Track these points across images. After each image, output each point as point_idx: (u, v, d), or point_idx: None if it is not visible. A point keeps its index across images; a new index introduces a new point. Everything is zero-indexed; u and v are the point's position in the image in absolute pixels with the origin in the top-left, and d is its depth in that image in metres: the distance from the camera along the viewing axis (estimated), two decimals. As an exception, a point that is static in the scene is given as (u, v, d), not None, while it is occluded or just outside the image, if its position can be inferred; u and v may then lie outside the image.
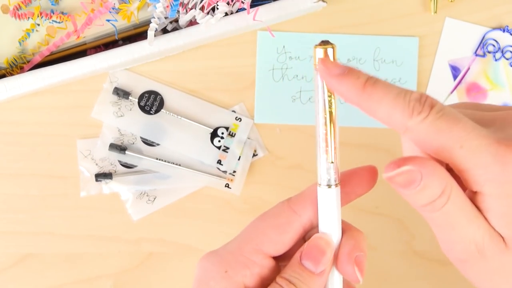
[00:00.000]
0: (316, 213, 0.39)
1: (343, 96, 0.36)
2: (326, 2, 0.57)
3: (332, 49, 0.35)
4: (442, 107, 0.34)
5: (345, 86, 0.35)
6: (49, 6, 0.57)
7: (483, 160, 0.33)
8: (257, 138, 0.59)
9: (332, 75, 0.35)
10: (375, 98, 0.34)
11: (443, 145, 0.33)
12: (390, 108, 0.34)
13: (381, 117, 0.35)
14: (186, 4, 0.56)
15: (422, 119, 0.33)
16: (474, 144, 0.33)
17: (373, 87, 0.34)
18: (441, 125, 0.33)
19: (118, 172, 0.58)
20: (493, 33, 0.59)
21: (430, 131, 0.33)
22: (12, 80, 0.56)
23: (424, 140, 0.34)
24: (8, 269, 0.57)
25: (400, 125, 0.34)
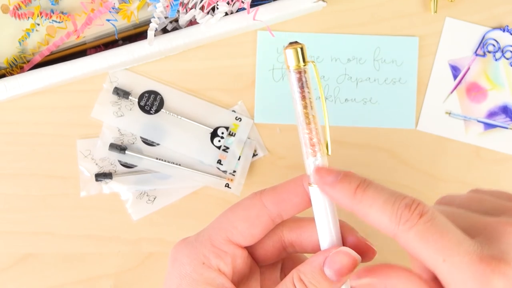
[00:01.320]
0: (287, 208, 0.39)
1: (336, 201, 0.37)
2: (326, 2, 0.57)
3: (301, 49, 0.36)
4: (430, 216, 0.34)
5: (338, 192, 0.36)
6: (49, 6, 0.57)
7: (463, 277, 0.33)
8: (257, 138, 0.59)
9: (325, 183, 0.37)
10: (366, 204, 0.35)
11: (427, 255, 0.34)
12: (379, 214, 0.35)
13: (371, 222, 0.36)
14: (186, 4, 0.56)
15: (408, 228, 0.34)
16: (456, 259, 0.33)
17: (364, 192, 0.35)
18: (427, 236, 0.33)
19: (118, 172, 0.58)
20: (493, 33, 0.59)
21: (416, 241, 0.34)
22: (12, 80, 0.56)
23: (410, 248, 0.34)
24: (8, 269, 0.57)
25: (388, 232, 0.35)
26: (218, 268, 0.39)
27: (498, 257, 0.33)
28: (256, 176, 0.59)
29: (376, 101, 0.59)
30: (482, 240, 0.34)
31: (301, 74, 0.37)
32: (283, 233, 0.41)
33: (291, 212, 0.40)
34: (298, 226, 0.41)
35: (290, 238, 0.41)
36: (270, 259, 0.42)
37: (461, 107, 0.59)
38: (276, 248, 0.42)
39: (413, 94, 0.59)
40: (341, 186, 0.36)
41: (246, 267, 0.40)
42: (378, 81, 0.59)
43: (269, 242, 0.41)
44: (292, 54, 0.37)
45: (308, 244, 0.41)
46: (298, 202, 0.39)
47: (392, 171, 0.59)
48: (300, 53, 0.37)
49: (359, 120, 0.59)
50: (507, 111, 0.59)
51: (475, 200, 0.39)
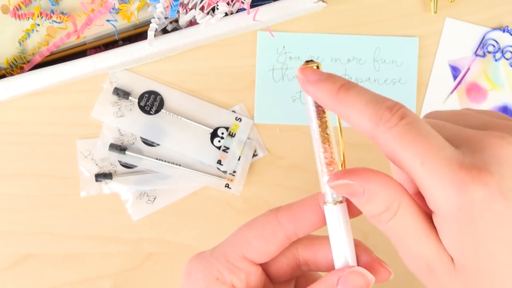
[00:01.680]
0: (302, 226, 0.39)
1: (318, 101, 0.36)
2: (326, 2, 0.57)
3: (317, 67, 0.36)
4: (412, 120, 0.33)
5: (320, 91, 0.35)
6: (49, 6, 0.57)
7: (441, 183, 0.32)
8: (257, 138, 0.59)
9: (308, 81, 0.35)
10: (347, 104, 0.34)
11: (406, 158, 0.32)
12: (360, 114, 0.34)
13: (352, 123, 0.35)
14: (186, 4, 0.56)
15: (388, 128, 0.33)
16: (435, 164, 0.32)
17: (347, 92, 0.34)
18: (407, 138, 0.32)
19: (118, 172, 0.58)
20: (493, 33, 0.59)
21: (394, 142, 0.33)
22: (12, 80, 0.56)
23: (388, 150, 0.33)
24: (8, 269, 0.57)
25: (368, 133, 0.34)
26: (232, 284, 0.39)
27: (480, 167, 0.31)
28: (256, 176, 0.59)
29: (376, 101, 0.59)
30: (465, 150, 0.33)
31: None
32: (298, 251, 0.41)
33: (307, 230, 0.39)
34: (313, 244, 0.41)
35: (305, 256, 0.41)
36: (284, 277, 0.42)
37: (461, 107, 0.59)
38: (291, 266, 0.41)
39: (413, 95, 0.59)
40: (324, 85, 0.35)
41: (260, 284, 0.40)
42: (378, 81, 0.59)
43: (283, 260, 0.41)
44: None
45: (323, 263, 0.40)
46: (314, 220, 0.39)
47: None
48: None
49: (359, 120, 0.59)
50: (507, 112, 0.59)
51: (462, 115, 0.37)
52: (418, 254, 0.34)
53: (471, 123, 0.36)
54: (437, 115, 0.37)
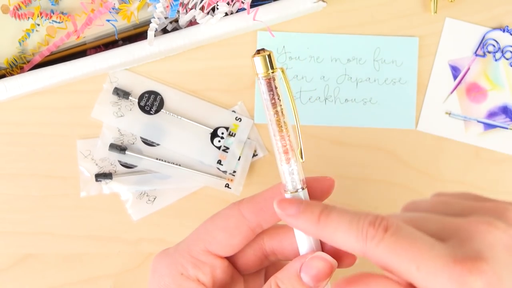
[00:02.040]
0: (266, 217, 0.39)
1: (303, 231, 0.37)
2: (326, 2, 0.57)
3: (269, 56, 0.37)
4: (396, 229, 0.34)
5: (302, 222, 0.36)
6: (49, 6, 0.57)
7: (440, 281, 0.32)
8: (257, 138, 0.59)
9: (288, 215, 0.37)
10: (331, 229, 0.35)
11: (401, 267, 0.33)
12: (345, 236, 0.34)
13: (339, 245, 0.35)
14: (186, 4, 0.56)
15: (376, 244, 0.33)
16: (430, 265, 0.32)
17: (327, 217, 0.35)
18: (396, 248, 0.33)
19: (118, 172, 0.58)
20: (493, 33, 0.59)
21: (386, 255, 0.33)
22: (12, 80, 0.56)
23: (382, 263, 0.34)
24: (8, 269, 0.57)
25: (358, 252, 0.35)
26: (197, 279, 0.39)
27: (473, 256, 0.32)
28: (256, 176, 0.59)
29: (376, 101, 0.59)
30: (454, 243, 0.33)
31: (270, 81, 0.37)
32: (263, 241, 0.41)
33: (271, 221, 0.40)
34: (278, 233, 0.41)
35: (271, 246, 0.41)
36: (253, 268, 0.42)
37: (461, 108, 0.59)
38: (258, 257, 0.42)
39: (413, 94, 0.59)
40: (304, 216, 0.36)
41: (227, 277, 0.40)
42: (378, 81, 0.59)
43: (250, 251, 0.41)
44: (260, 61, 0.37)
45: (290, 252, 0.41)
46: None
47: (392, 171, 0.59)
48: (268, 60, 0.37)
49: (359, 120, 0.59)
50: (507, 112, 0.59)
51: (441, 203, 0.38)
52: None
53: (453, 210, 0.36)
54: (415, 207, 0.38)
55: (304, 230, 0.37)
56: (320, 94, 0.59)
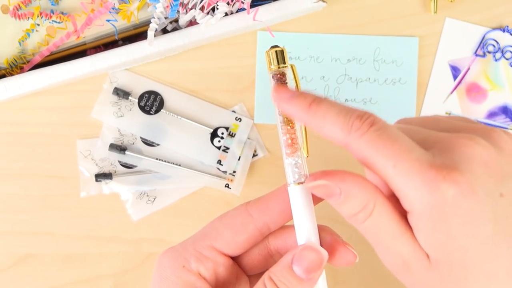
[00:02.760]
0: (272, 216, 0.40)
1: (293, 116, 0.38)
2: (326, 2, 0.57)
3: (281, 52, 0.39)
4: (381, 126, 0.34)
5: (294, 107, 0.37)
6: (49, 6, 0.57)
7: (413, 182, 0.33)
8: (257, 138, 0.59)
9: (282, 98, 0.37)
10: (319, 116, 0.36)
11: (378, 162, 0.34)
12: (332, 124, 0.35)
13: (325, 134, 0.36)
14: (186, 4, 0.56)
15: (359, 135, 0.34)
16: (406, 165, 0.33)
17: (318, 105, 0.36)
18: (378, 143, 0.34)
19: (118, 172, 0.58)
20: (493, 33, 0.59)
21: (366, 148, 0.34)
22: (12, 80, 0.56)
23: (361, 156, 0.35)
24: (8, 269, 0.57)
25: (341, 141, 0.35)
26: (198, 272, 0.39)
27: (450, 166, 0.33)
28: (256, 176, 0.59)
29: (376, 101, 0.59)
30: (435, 151, 0.34)
31: (280, 76, 0.39)
32: (268, 240, 0.41)
33: (277, 220, 0.40)
34: (282, 232, 0.41)
35: (275, 245, 0.41)
36: (258, 268, 0.42)
37: (461, 108, 0.59)
38: (263, 256, 0.42)
39: (413, 95, 0.59)
40: (297, 101, 0.36)
41: (232, 276, 0.40)
42: (378, 81, 0.59)
43: (255, 251, 0.41)
44: (273, 56, 0.39)
45: None
46: (282, 209, 0.39)
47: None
48: (281, 55, 0.39)
49: (359, 120, 0.59)
50: (507, 112, 0.59)
51: (431, 120, 0.39)
52: (395, 251, 0.36)
53: (440, 127, 0.37)
54: (408, 121, 0.39)
55: (294, 115, 0.37)
56: (320, 94, 0.59)
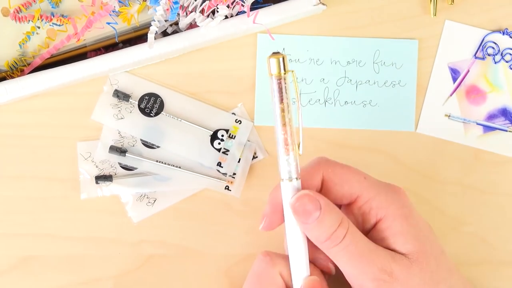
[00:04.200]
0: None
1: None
2: (326, 5, 0.57)
3: (283, 59, 0.41)
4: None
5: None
6: (50, 9, 0.57)
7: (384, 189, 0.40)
8: (257, 141, 0.59)
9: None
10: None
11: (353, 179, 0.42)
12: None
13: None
14: (186, 7, 0.57)
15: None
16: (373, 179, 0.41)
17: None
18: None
19: (118, 175, 0.58)
20: (493, 36, 0.59)
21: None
22: (12, 83, 0.56)
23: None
24: (8, 271, 0.58)
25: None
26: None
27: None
28: (256, 178, 0.59)
29: (375, 103, 0.59)
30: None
31: (281, 81, 0.42)
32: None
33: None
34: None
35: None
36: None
37: (461, 110, 0.59)
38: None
39: (413, 97, 0.59)
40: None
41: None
42: (378, 83, 0.59)
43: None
44: (274, 63, 0.41)
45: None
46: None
47: (391, 174, 0.59)
48: (282, 62, 0.41)
49: (359, 122, 0.59)
50: (506, 114, 0.59)
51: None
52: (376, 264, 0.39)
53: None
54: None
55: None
56: (319, 96, 0.59)
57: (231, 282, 0.58)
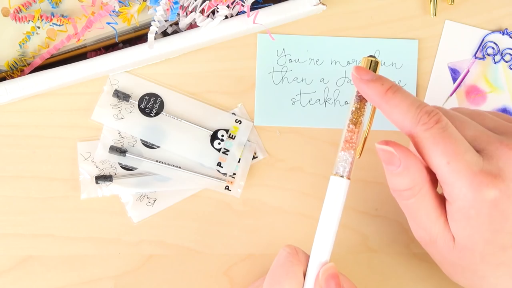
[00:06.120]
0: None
1: (368, 98, 0.43)
2: (326, 5, 0.57)
3: (375, 63, 0.43)
4: (445, 125, 0.40)
5: (371, 90, 0.42)
6: (50, 9, 0.57)
7: (461, 183, 0.39)
8: (257, 141, 0.59)
9: (361, 80, 0.42)
10: (393, 104, 0.41)
11: (435, 156, 0.39)
12: (402, 114, 0.41)
13: (394, 120, 0.41)
14: (186, 7, 0.57)
15: (425, 129, 0.39)
16: (459, 166, 0.39)
17: (393, 94, 0.41)
18: (439, 139, 0.39)
19: (118, 175, 0.58)
20: (493, 36, 0.59)
21: (428, 141, 0.39)
22: (12, 83, 0.56)
23: (422, 147, 0.40)
24: (9, 271, 0.58)
25: (407, 130, 0.41)
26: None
27: (495, 173, 0.38)
28: (256, 178, 0.59)
29: (375, 103, 0.59)
30: (485, 155, 0.40)
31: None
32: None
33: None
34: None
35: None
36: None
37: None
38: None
39: (413, 97, 0.59)
40: (374, 85, 0.42)
41: None
42: (378, 83, 0.59)
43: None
44: (366, 63, 0.43)
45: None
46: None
47: (391, 174, 0.59)
48: (374, 66, 0.43)
49: (359, 122, 0.59)
50: (506, 114, 0.59)
51: (477, 114, 0.44)
52: (426, 229, 0.42)
53: (488, 124, 0.43)
54: (458, 110, 0.45)
55: (369, 98, 0.42)
56: (320, 96, 0.59)
57: (231, 282, 0.58)
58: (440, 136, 0.39)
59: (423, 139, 0.40)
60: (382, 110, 0.42)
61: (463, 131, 0.41)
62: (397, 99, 0.41)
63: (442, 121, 0.40)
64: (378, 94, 0.41)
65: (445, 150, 0.39)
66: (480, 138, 0.41)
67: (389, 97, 0.41)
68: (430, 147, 0.39)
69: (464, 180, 0.38)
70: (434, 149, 0.39)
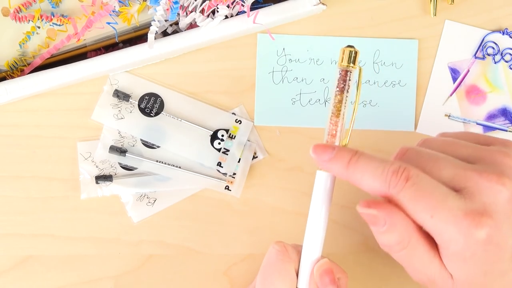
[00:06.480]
0: None
1: (334, 174, 0.43)
2: (326, 5, 0.57)
3: (355, 53, 0.42)
4: (416, 180, 0.39)
5: (334, 167, 0.42)
6: (50, 9, 0.57)
7: (449, 231, 0.38)
8: (257, 140, 0.59)
9: (322, 161, 0.42)
10: (358, 174, 0.41)
11: (417, 213, 0.39)
12: (370, 181, 0.40)
13: (366, 188, 0.41)
14: (186, 7, 0.57)
15: (397, 192, 0.39)
16: (442, 216, 0.38)
17: (355, 165, 0.41)
18: (415, 197, 0.38)
19: (119, 175, 0.58)
20: (493, 36, 0.59)
21: (405, 201, 0.39)
22: (12, 82, 0.56)
23: (402, 207, 0.39)
24: (9, 271, 0.58)
25: (382, 194, 0.40)
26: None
27: (481, 211, 0.38)
28: (256, 178, 0.59)
29: (375, 103, 0.59)
30: (466, 193, 0.38)
31: (347, 73, 0.43)
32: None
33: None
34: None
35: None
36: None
37: (461, 110, 0.59)
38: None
39: (413, 97, 0.59)
40: (336, 161, 0.41)
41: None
42: (378, 83, 0.59)
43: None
44: (345, 54, 0.43)
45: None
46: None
47: (391, 174, 0.59)
48: (353, 55, 0.43)
49: (359, 122, 0.59)
50: (506, 114, 0.59)
51: (449, 144, 0.43)
52: (422, 272, 0.41)
53: (461, 154, 0.41)
54: (428, 145, 0.43)
55: (335, 174, 0.43)
56: (320, 96, 0.59)
57: (231, 282, 0.58)
58: (415, 194, 0.38)
59: (399, 200, 0.39)
60: (353, 182, 0.41)
61: (439, 172, 0.40)
62: (360, 168, 0.40)
63: (411, 177, 0.38)
64: (341, 168, 0.41)
65: (425, 206, 0.38)
66: (457, 176, 0.39)
67: (352, 169, 0.41)
68: (409, 206, 0.39)
69: (452, 228, 0.38)
70: (414, 207, 0.38)
